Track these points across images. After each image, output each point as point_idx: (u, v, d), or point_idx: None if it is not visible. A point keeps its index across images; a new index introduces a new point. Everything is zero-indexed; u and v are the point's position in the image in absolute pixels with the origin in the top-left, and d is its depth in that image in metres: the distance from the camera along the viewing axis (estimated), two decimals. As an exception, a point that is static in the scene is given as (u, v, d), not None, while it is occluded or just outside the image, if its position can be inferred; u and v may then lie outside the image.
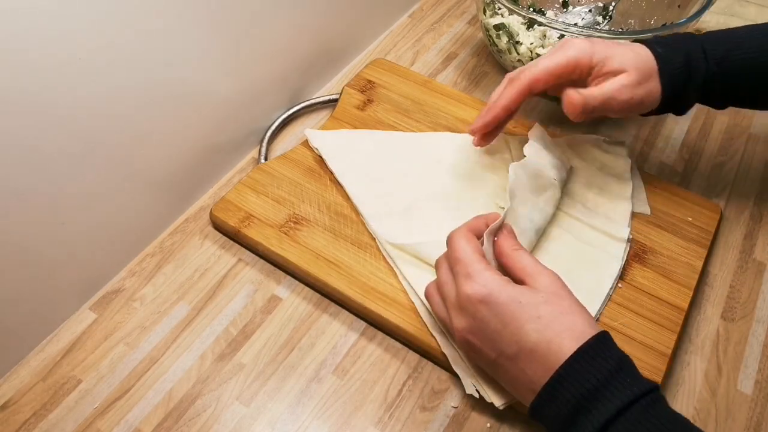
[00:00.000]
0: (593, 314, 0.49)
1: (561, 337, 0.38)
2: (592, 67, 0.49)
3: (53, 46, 0.39)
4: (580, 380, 0.37)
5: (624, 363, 0.39)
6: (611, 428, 0.36)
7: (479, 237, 0.44)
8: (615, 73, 0.49)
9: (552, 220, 0.55)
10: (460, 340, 0.43)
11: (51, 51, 0.39)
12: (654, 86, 0.50)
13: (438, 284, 0.45)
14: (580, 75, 0.50)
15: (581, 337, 0.38)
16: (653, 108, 0.51)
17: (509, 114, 0.52)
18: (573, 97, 0.49)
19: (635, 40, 0.53)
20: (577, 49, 0.49)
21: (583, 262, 0.52)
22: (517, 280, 0.42)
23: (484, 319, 0.40)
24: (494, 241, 0.45)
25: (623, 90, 0.49)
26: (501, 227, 0.46)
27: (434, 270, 0.46)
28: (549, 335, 0.39)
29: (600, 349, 0.38)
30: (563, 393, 0.38)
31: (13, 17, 0.36)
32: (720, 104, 0.53)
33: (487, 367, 0.43)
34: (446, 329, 0.47)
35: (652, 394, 0.38)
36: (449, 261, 0.44)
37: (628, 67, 0.49)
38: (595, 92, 0.49)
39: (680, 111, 0.53)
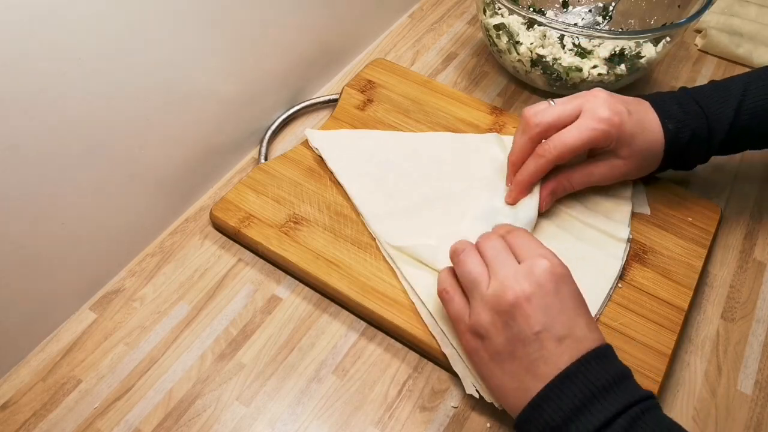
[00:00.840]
0: (593, 314, 0.49)
1: (593, 340, 0.40)
2: (609, 146, 0.51)
3: (53, 46, 0.39)
4: (589, 379, 0.38)
5: (627, 374, 0.40)
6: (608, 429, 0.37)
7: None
8: (613, 157, 0.51)
9: (552, 219, 0.55)
10: (506, 302, 0.40)
11: (51, 51, 0.39)
12: (647, 170, 0.54)
13: (494, 251, 0.43)
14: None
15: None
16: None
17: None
18: (553, 188, 0.53)
19: (634, 40, 0.53)
20: (604, 130, 0.49)
21: (583, 262, 0.52)
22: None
23: (551, 292, 0.40)
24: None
25: (614, 176, 0.53)
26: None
27: (434, 270, 0.46)
28: (593, 334, 0.41)
29: (605, 360, 0.40)
30: (563, 397, 0.38)
31: (13, 17, 0.36)
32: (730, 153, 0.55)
33: (504, 345, 0.41)
34: (472, 292, 0.44)
35: (647, 402, 0.38)
36: (510, 237, 0.44)
37: (632, 159, 0.51)
38: (578, 181, 0.53)
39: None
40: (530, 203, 0.53)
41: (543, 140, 0.51)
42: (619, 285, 0.52)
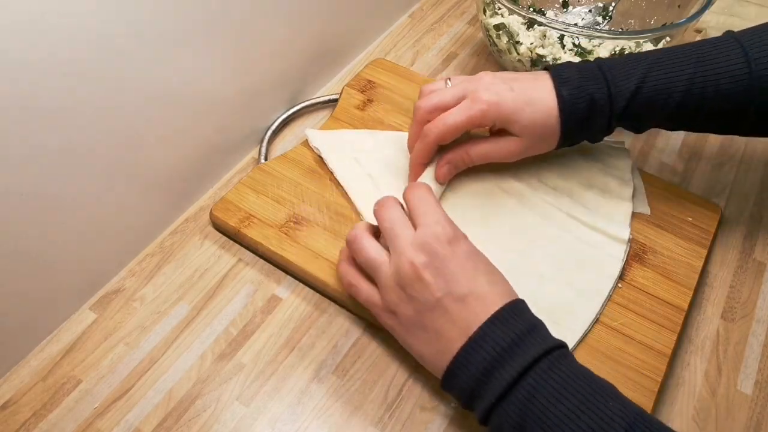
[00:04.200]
0: (593, 314, 0.50)
1: (499, 295, 0.42)
2: (493, 125, 0.52)
3: (52, 45, 0.39)
4: (497, 338, 0.40)
5: (537, 326, 0.41)
6: (520, 384, 0.38)
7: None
8: (510, 134, 0.52)
9: (552, 220, 0.55)
10: (407, 275, 0.42)
11: (50, 51, 0.39)
12: (549, 143, 0.53)
13: (389, 223, 0.45)
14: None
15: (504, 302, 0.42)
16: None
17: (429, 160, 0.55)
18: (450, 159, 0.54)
19: (636, 40, 0.53)
20: (480, 110, 0.50)
21: (583, 262, 0.52)
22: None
23: (447, 257, 0.42)
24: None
25: (512, 152, 0.53)
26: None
27: None
28: (497, 288, 0.43)
29: (516, 313, 0.42)
30: (480, 351, 0.40)
31: (12, 17, 0.36)
32: (637, 131, 0.54)
33: (415, 317, 0.43)
34: (373, 273, 0.46)
35: (559, 350, 0.40)
36: (410, 203, 0.46)
37: (525, 135, 0.51)
38: (476, 154, 0.53)
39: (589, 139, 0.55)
40: (427, 175, 0.54)
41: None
42: (619, 285, 0.52)
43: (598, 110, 0.50)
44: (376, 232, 0.48)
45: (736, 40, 0.49)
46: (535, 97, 0.50)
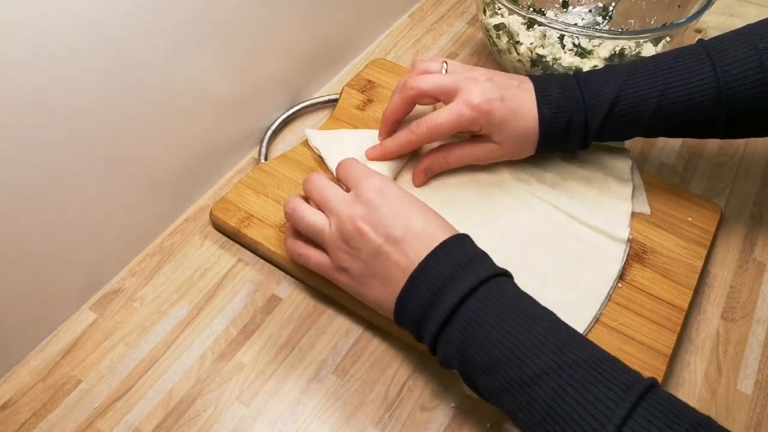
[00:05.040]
0: (593, 314, 0.50)
1: (439, 230, 0.44)
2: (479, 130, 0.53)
3: (52, 45, 0.39)
4: (439, 269, 0.42)
5: (478, 256, 0.43)
6: (461, 309, 0.40)
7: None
8: (491, 141, 0.53)
9: (551, 221, 0.55)
10: (348, 230, 0.44)
11: (50, 51, 0.39)
12: (524, 153, 0.55)
13: (318, 191, 0.47)
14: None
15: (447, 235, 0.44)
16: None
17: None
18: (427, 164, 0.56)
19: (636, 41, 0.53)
20: (472, 117, 0.51)
21: (583, 262, 0.52)
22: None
23: (379, 206, 0.44)
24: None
25: (489, 158, 0.55)
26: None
27: None
28: (433, 225, 0.44)
29: (457, 246, 0.43)
30: (424, 282, 0.42)
31: (12, 17, 0.36)
32: (618, 141, 0.56)
33: (363, 267, 0.45)
34: (317, 238, 0.47)
35: (501, 278, 0.42)
36: (339, 172, 0.48)
37: (506, 143, 0.53)
38: (453, 159, 0.55)
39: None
40: (384, 167, 0.55)
41: (416, 121, 0.53)
42: (619, 285, 0.52)
43: (573, 130, 0.52)
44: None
45: (705, 50, 0.50)
46: (520, 111, 0.51)
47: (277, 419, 0.46)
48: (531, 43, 0.64)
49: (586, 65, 0.64)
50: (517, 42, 0.65)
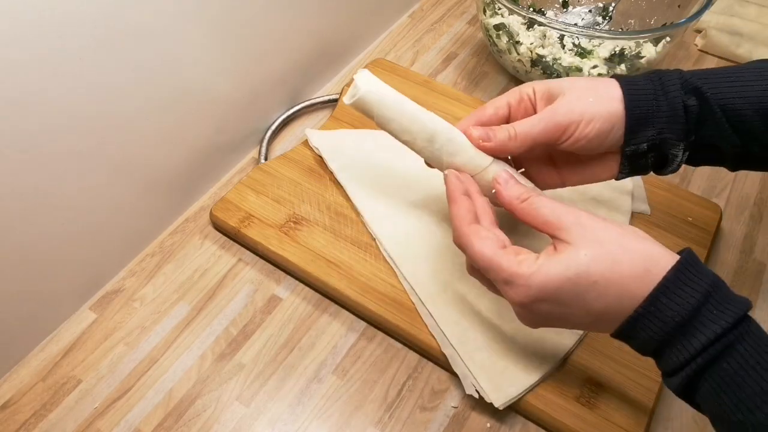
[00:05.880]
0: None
1: (626, 288, 0.37)
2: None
3: (53, 45, 0.39)
4: (662, 317, 0.37)
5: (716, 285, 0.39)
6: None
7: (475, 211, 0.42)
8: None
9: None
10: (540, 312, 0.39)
11: (51, 51, 0.39)
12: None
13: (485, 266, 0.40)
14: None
15: (646, 277, 0.37)
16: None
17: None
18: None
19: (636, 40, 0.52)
20: (567, 119, 0.43)
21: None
22: (545, 232, 0.40)
23: (545, 312, 0.39)
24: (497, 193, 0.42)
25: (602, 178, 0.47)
26: (496, 177, 0.43)
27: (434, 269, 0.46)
28: (612, 294, 0.37)
29: (688, 275, 0.39)
30: (651, 324, 0.37)
31: (12, 17, 0.36)
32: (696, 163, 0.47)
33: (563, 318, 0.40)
34: None
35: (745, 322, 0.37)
36: (480, 270, 0.41)
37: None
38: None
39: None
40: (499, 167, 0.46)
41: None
42: (619, 285, 0.52)
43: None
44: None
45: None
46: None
47: (277, 419, 0.46)
48: (531, 43, 0.64)
49: (586, 65, 0.64)
50: (517, 42, 0.65)
